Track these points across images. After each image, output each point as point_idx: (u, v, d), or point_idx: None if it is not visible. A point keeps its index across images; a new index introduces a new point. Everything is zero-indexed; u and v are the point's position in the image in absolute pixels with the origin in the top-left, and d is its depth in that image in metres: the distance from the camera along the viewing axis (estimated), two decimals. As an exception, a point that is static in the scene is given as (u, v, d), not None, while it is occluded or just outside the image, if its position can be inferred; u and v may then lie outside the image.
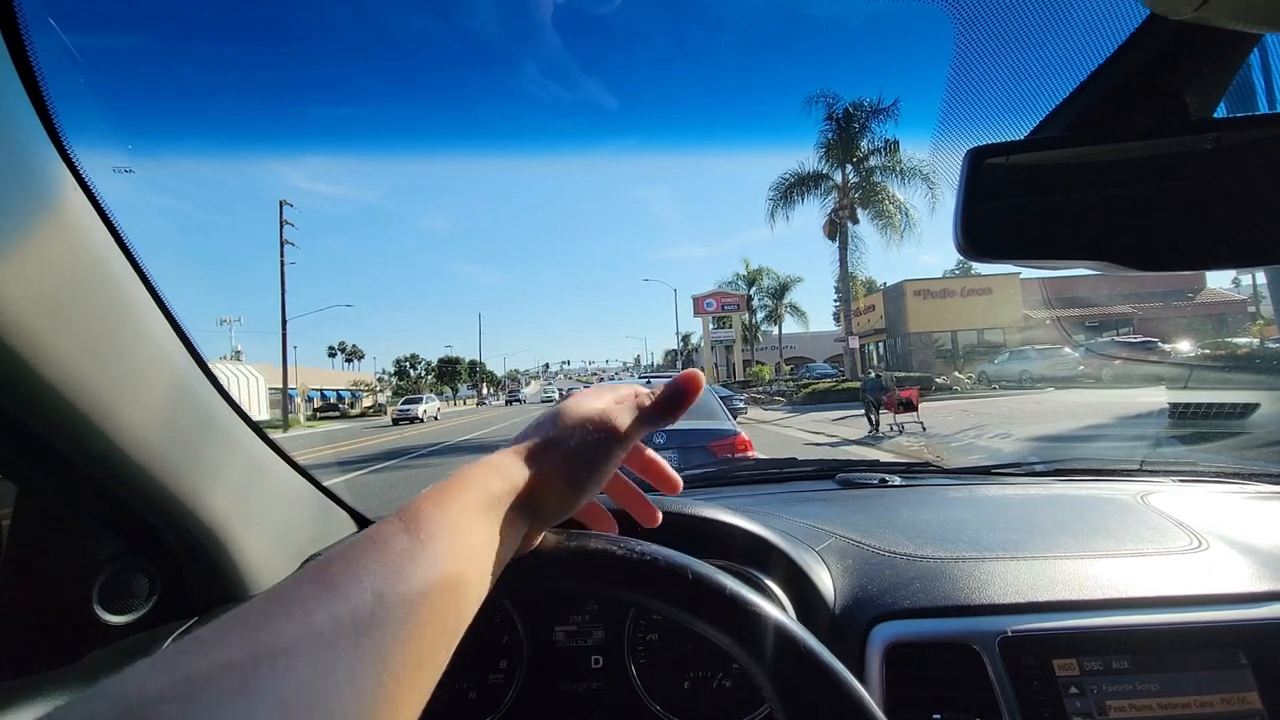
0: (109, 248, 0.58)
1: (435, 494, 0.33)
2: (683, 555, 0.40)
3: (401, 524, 0.30)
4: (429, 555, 0.29)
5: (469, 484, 0.34)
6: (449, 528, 0.31)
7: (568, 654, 0.72)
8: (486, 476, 0.35)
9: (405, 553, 0.29)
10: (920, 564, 0.72)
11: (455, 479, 0.35)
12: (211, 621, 0.24)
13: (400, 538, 0.29)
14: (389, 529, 0.30)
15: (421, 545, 0.29)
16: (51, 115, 0.52)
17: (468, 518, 0.33)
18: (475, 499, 0.33)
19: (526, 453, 0.38)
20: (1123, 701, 0.57)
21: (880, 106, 20.60)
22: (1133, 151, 0.45)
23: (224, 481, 0.73)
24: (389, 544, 0.29)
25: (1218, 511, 0.87)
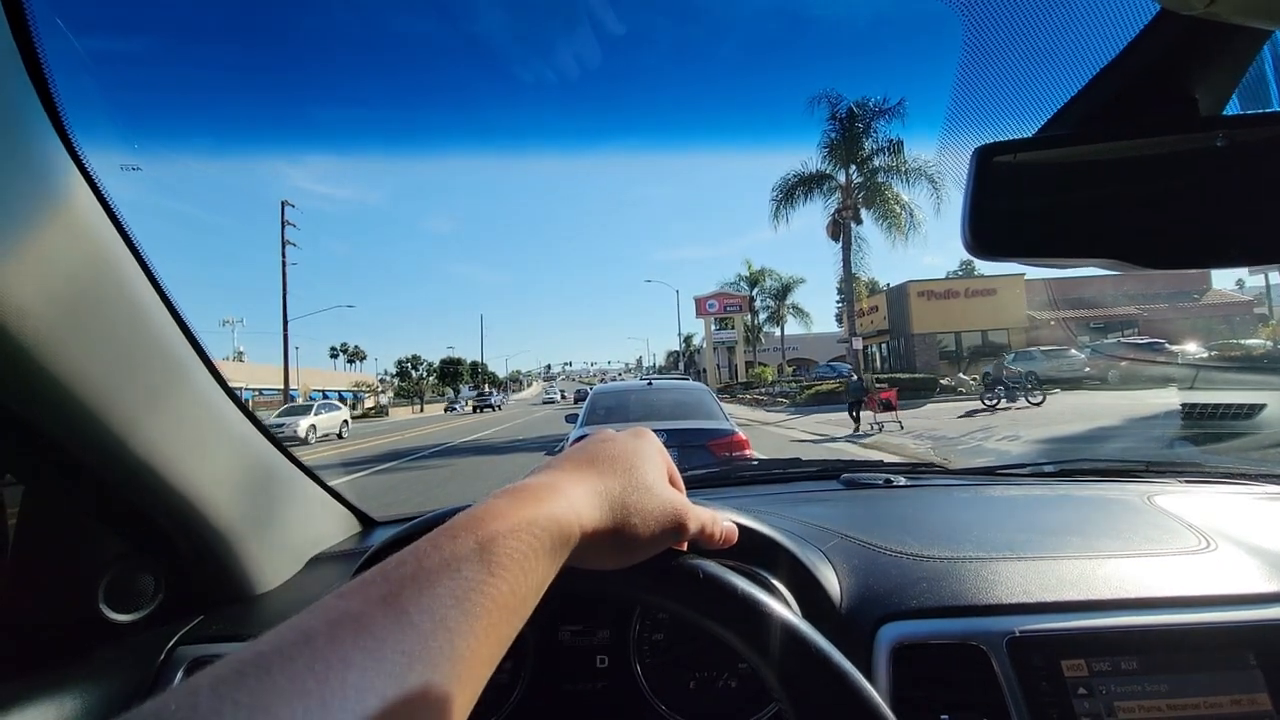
0: (118, 249, 0.58)
1: (511, 516, 0.31)
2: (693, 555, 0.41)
3: (476, 546, 0.29)
4: (498, 589, 0.28)
5: (545, 515, 0.32)
6: (520, 561, 0.30)
7: (573, 654, 0.72)
8: (565, 513, 0.34)
9: (476, 583, 0.28)
10: (927, 564, 0.72)
11: (531, 499, 0.33)
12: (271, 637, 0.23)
13: (473, 565, 0.28)
14: (461, 549, 0.29)
15: (492, 578, 0.28)
16: (61, 115, 0.52)
17: (537, 555, 0.31)
18: (549, 536, 0.32)
19: (604, 498, 0.37)
20: (1131, 702, 0.57)
21: (885, 106, 20.54)
22: (1142, 149, 0.45)
23: (230, 481, 0.73)
24: (461, 571, 0.28)
25: (1225, 512, 0.86)
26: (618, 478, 0.38)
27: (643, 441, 0.43)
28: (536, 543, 0.31)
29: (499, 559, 0.29)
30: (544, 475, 0.37)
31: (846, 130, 21.05)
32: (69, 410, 0.53)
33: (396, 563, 0.28)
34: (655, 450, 0.43)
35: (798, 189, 22.27)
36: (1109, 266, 0.47)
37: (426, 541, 0.29)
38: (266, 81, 68.87)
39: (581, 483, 0.36)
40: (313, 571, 0.88)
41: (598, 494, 0.36)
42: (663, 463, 0.42)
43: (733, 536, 0.44)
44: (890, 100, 20.49)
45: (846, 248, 21.94)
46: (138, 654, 0.67)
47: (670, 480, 0.42)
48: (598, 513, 0.36)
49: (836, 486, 1.14)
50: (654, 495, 0.39)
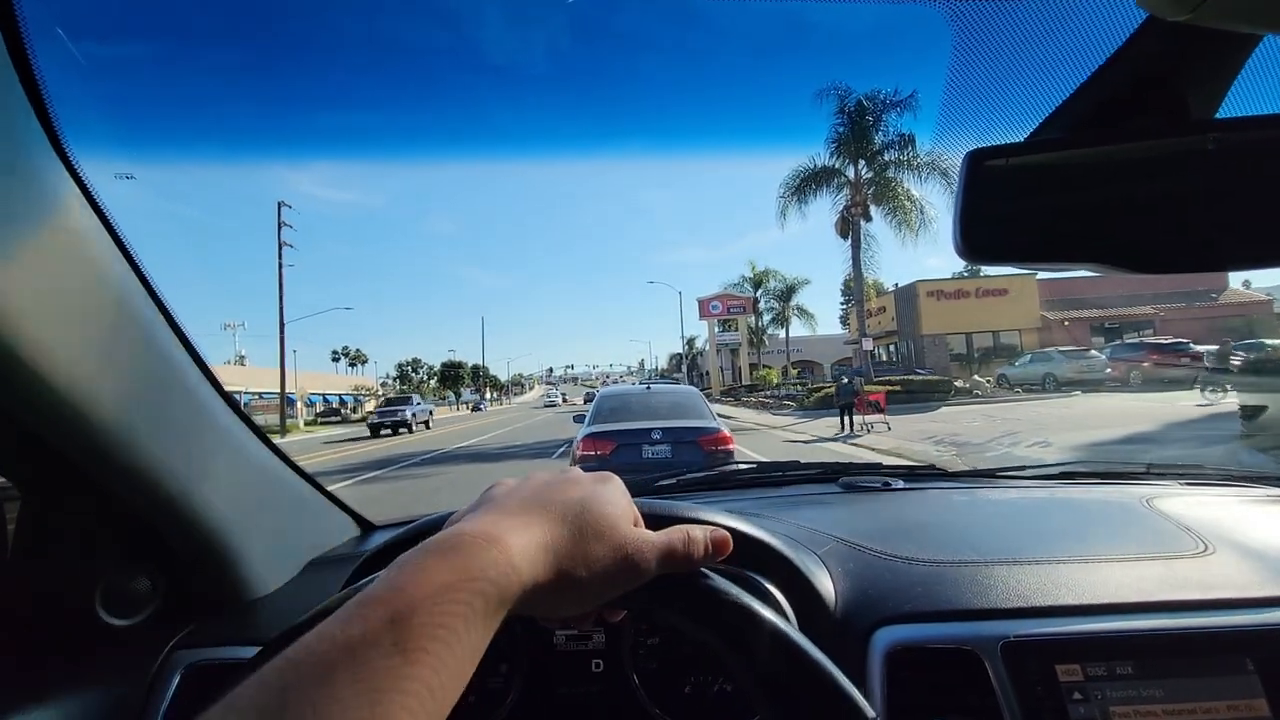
0: (111, 254, 0.58)
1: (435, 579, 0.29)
2: None
3: (389, 624, 0.26)
4: (417, 672, 0.26)
5: (477, 574, 0.30)
6: (444, 633, 0.27)
7: (568, 658, 0.71)
8: (500, 568, 0.31)
9: (386, 670, 0.25)
10: (923, 568, 0.72)
11: (463, 554, 0.30)
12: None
13: (384, 649, 0.25)
14: (370, 630, 0.26)
15: (408, 663, 0.26)
16: (54, 123, 0.52)
17: (466, 621, 0.28)
18: (480, 598, 0.29)
19: (547, 550, 0.34)
20: (1127, 707, 0.57)
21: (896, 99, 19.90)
22: (1133, 153, 0.44)
23: (227, 486, 0.74)
24: (368, 659, 0.25)
25: (1224, 515, 0.86)
26: (566, 525, 0.36)
27: (604, 486, 0.40)
28: (465, 608, 0.28)
29: (416, 637, 0.26)
30: (484, 519, 0.34)
31: (856, 124, 20.50)
32: (64, 416, 0.54)
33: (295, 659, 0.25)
34: (617, 493, 0.40)
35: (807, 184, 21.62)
36: (1101, 270, 0.47)
37: (334, 624, 0.27)
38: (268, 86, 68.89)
39: (524, 530, 0.34)
40: (310, 575, 0.89)
41: (540, 545, 0.34)
42: (625, 505, 0.40)
43: (725, 545, 0.41)
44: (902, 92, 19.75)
45: (856, 245, 21.36)
46: (135, 658, 0.68)
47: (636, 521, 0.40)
48: (539, 566, 0.33)
49: (834, 489, 1.12)
50: (605, 542, 0.36)
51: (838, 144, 21.05)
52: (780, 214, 22.54)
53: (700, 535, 0.40)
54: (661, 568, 0.38)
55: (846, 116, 20.61)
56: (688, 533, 0.40)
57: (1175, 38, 0.42)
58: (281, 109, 74.08)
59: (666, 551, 0.38)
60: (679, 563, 0.39)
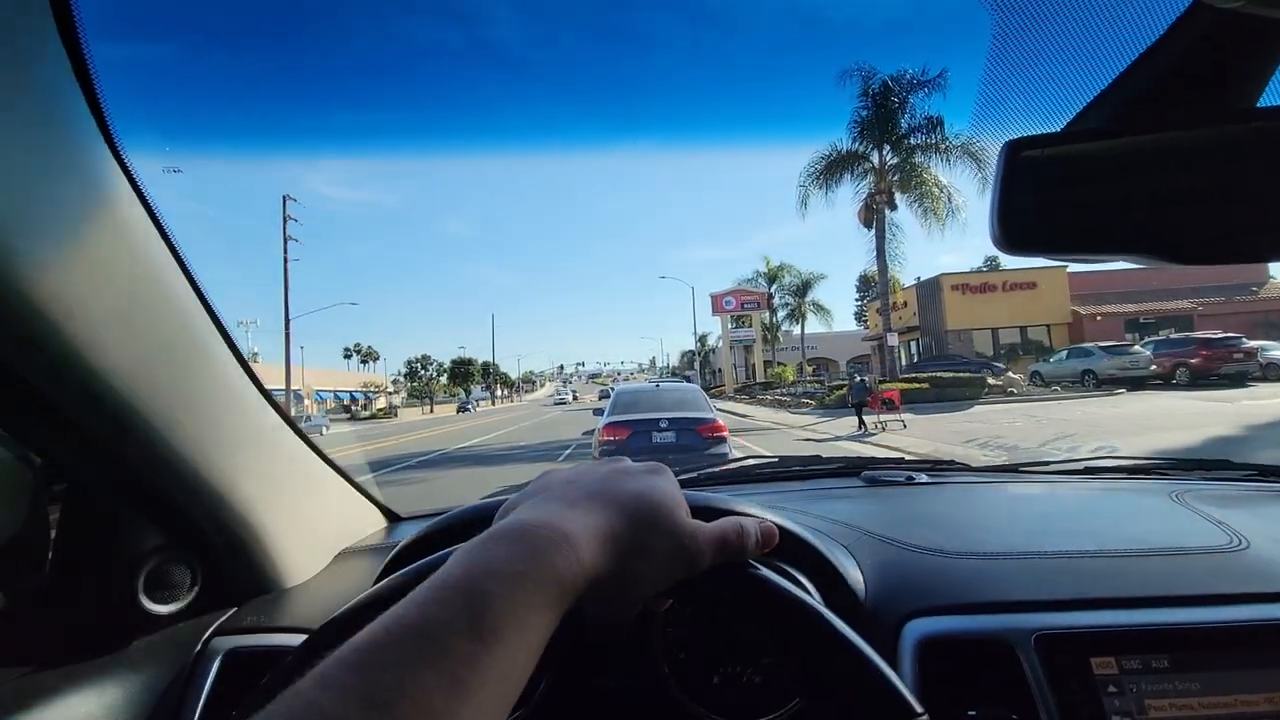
0: (161, 251, 0.60)
1: (508, 572, 0.29)
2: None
3: (466, 618, 0.27)
4: (492, 661, 0.26)
5: (544, 568, 0.30)
6: (517, 624, 0.28)
7: (598, 647, 0.73)
8: (567, 562, 0.32)
9: (467, 659, 0.26)
10: (952, 560, 0.72)
11: (530, 547, 0.31)
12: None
13: (462, 640, 0.26)
14: (449, 621, 0.26)
15: (486, 650, 0.26)
16: (107, 121, 0.54)
17: (536, 613, 0.29)
18: (549, 591, 0.30)
19: (609, 541, 0.35)
20: (1163, 700, 0.56)
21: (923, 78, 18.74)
22: (1172, 142, 0.44)
23: (264, 477, 0.76)
24: (449, 648, 0.25)
25: (1255, 509, 0.86)
26: (625, 517, 0.36)
27: (659, 478, 0.41)
28: (536, 599, 0.29)
29: (493, 625, 0.27)
30: (547, 510, 0.35)
31: (880, 107, 19.34)
32: (112, 407, 0.56)
33: (375, 640, 0.26)
34: (671, 485, 0.41)
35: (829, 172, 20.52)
36: (1139, 262, 0.47)
37: (414, 607, 0.27)
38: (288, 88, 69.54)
39: (587, 522, 0.35)
40: (341, 565, 0.91)
41: (602, 536, 0.34)
42: (679, 497, 0.41)
43: (773, 537, 0.43)
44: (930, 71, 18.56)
45: (880, 235, 20.34)
46: (175, 644, 0.70)
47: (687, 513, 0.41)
48: (602, 557, 0.34)
49: (857, 484, 1.11)
50: (663, 533, 0.37)
51: (861, 128, 19.98)
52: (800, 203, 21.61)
53: (752, 527, 0.41)
54: (715, 558, 0.39)
55: (870, 99, 19.62)
56: (740, 525, 0.41)
57: (1220, 24, 0.41)
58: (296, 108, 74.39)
59: (720, 542, 0.39)
60: (732, 553, 0.40)
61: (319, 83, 63.94)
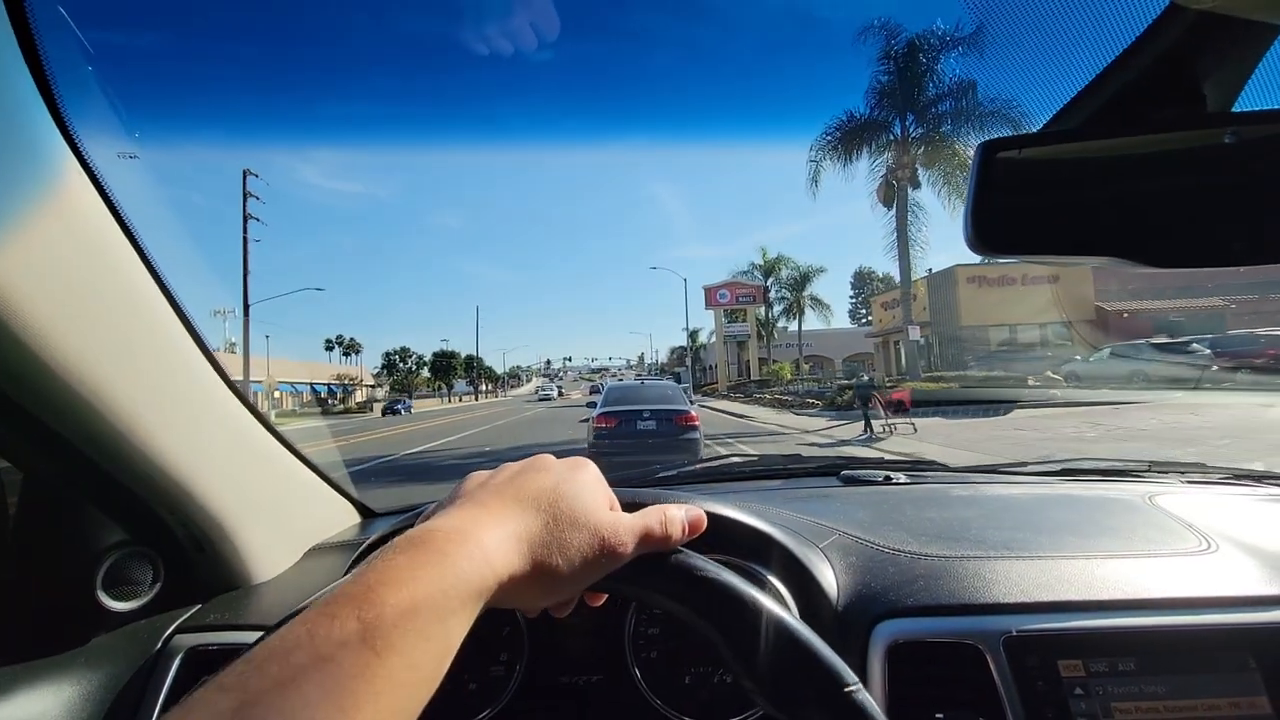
0: (114, 235, 0.58)
1: (408, 582, 0.28)
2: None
3: (359, 628, 0.26)
4: (387, 672, 0.25)
5: (450, 573, 0.29)
6: (417, 633, 0.27)
7: (568, 647, 0.71)
8: (474, 566, 0.31)
9: (358, 670, 0.25)
10: (925, 562, 0.72)
11: (435, 554, 0.30)
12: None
13: (354, 651, 0.25)
14: (340, 633, 0.25)
15: (380, 660, 0.25)
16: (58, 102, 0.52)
17: (440, 619, 0.28)
18: (455, 597, 0.29)
19: (522, 540, 0.34)
20: (1128, 704, 0.57)
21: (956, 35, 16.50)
22: (1150, 145, 0.44)
23: (229, 471, 0.74)
24: (338, 661, 0.25)
25: (1227, 513, 0.86)
26: (540, 514, 0.36)
27: (578, 472, 0.40)
28: (439, 607, 0.28)
29: (388, 638, 0.26)
30: (455, 514, 0.34)
31: (904, 70, 17.02)
32: (66, 398, 0.54)
33: (259, 662, 0.25)
34: (592, 479, 0.40)
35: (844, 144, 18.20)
36: (1113, 264, 0.47)
37: (301, 625, 0.26)
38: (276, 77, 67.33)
39: (498, 524, 0.34)
40: (311, 561, 0.89)
41: (514, 536, 0.34)
42: (600, 489, 0.40)
43: (700, 522, 0.42)
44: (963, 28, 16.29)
45: (901, 215, 18.03)
46: (135, 641, 0.69)
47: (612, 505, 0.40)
48: (514, 557, 0.33)
49: (835, 483, 1.13)
50: (580, 529, 0.36)
51: (880, 96, 17.78)
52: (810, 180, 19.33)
53: (678, 514, 0.40)
54: (639, 549, 0.38)
55: (893, 62, 17.33)
56: (664, 512, 0.40)
57: (1196, 26, 0.41)
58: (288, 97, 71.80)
59: (643, 532, 0.38)
60: (656, 542, 0.39)
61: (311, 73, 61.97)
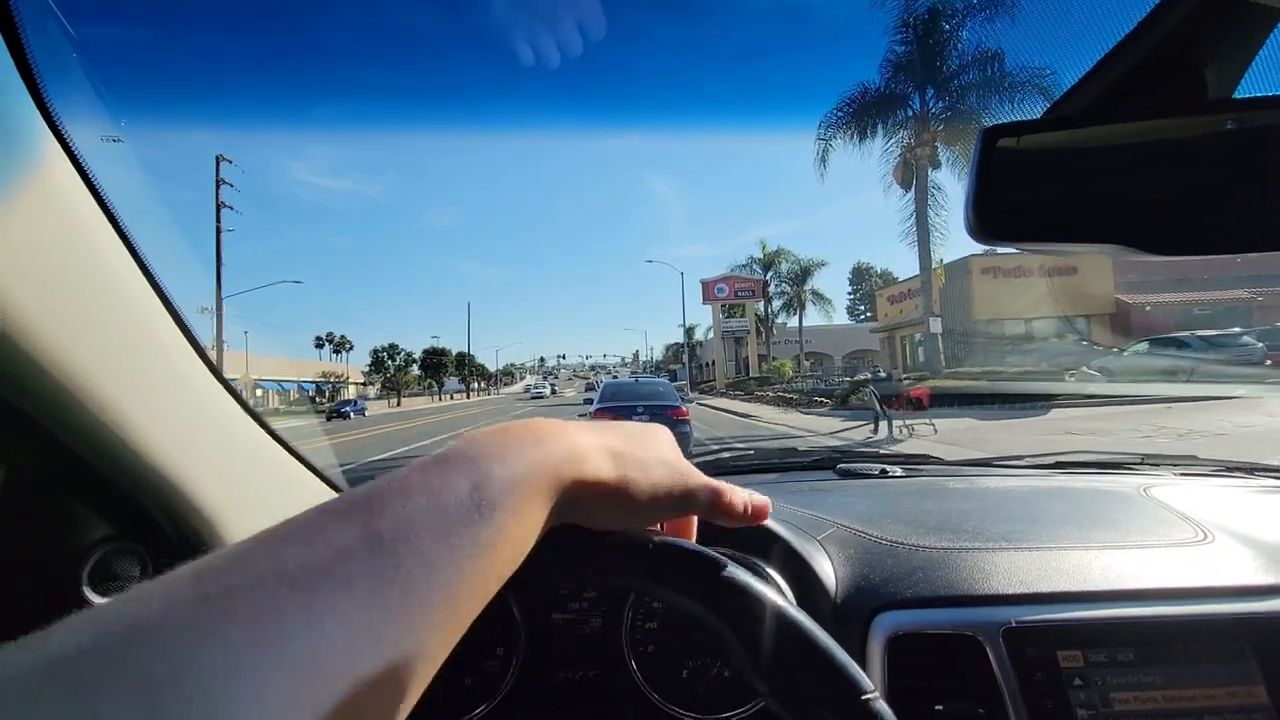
0: (97, 220, 0.56)
1: (509, 454, 0.29)
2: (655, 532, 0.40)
3: (467, 480, 0.27)
4: (487, 532, 0.26)
5: (545, 455, 0.31)
6: (512, 505, 0.28)
7: (565, 641, 0.71)
8: (567, 456, 0.32)
9: (462, 522, 0.26)
10: (923, 554, 0.72)
11: (531, 437, 0.31)
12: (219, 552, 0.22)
13: (462, 504, 0.26)
14: (451, 481, 0.27)
15: (482, 518, 0.26)
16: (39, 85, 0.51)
17: (531, 497, 0.29)
18: (546, 479, 0.30)
19: (609, 451, 0.35)
20: (1127, 694, 0.57)
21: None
22: (1151, 131, 0.44)
23: (219, 464, 0.73)
24: (448, 508, 0.26)
25: (1222, 504, 0.87)
26: (627, 441, 0.37)
27: (658, 428, 0.41)
28: (533, 484, 0.29)
29: (491, 504, 0.27)
30: (552, 419, 0.35)
31: (924, 39, 15.52)
32: (49, 389, 0.52)
33: (382, 494, 0.25)
34: (669, 435, 0.41)
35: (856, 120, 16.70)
36: (1116, 252, 0.47)
37: (415, 473, 0.27)
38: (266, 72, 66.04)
39: (590, 434, 0.35)
40: None
41: (604, 447, 0.35)
42: (675, 445, 0.40)
43: (764, 510, 0.41)
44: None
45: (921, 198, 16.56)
46: None
47: None
48: (603, 464, 0.34)
49: (832, 476, 1.13)
50: (663, 460, 0.37)
51: (896, 69, 16.29)
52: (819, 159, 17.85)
53: (742, 492, 0.41)
54: (708, 508, 0.38)
55: (911, 30, 15.84)
56: (734, 488, 0.40)
57: (1198, 11, 0.41)
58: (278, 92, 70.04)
59: (716, 492, 0.39)
60: (723, 508, 0.39)
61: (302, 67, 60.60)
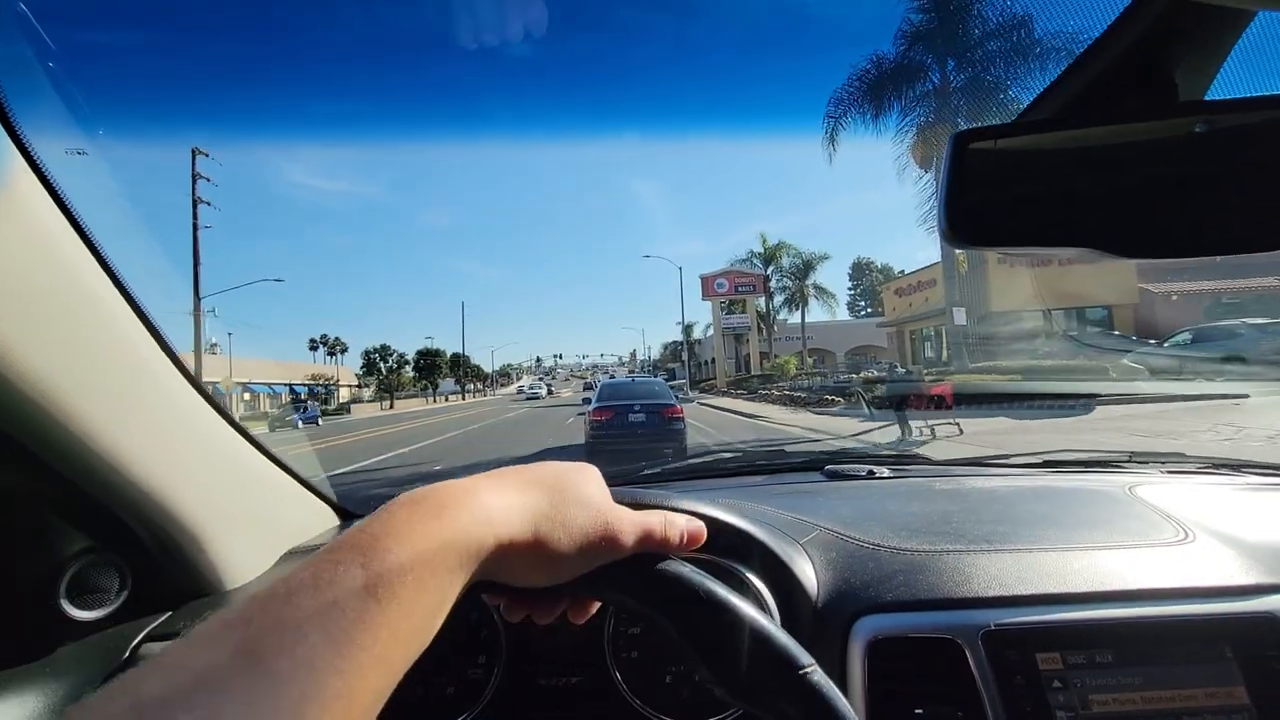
0: (67, 235, 0.56)
1: (410, 533, 0.28)
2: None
3: (362, 576, 0.26)
4: (387, 619, 0.26)
5: (450, 527, 0.30)
6: (416, 585, 0.27)
7: (547, 649, 0.70)
8: (474, 524, 0.31)
9: (358, 616, 0.25)
10: (905, 557, 0.72)
11: (435, 508, 0.30)
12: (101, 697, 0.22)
13: (356, 599, 0.25)
14: (344, 580, 0.26)
15: (379, 607, 0.26)
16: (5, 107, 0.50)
17: (437, 574, 0.28)
18: (453, 552, 0.29)
19: (525, 510, 0.34)
20: (1106, 695, 0.57)
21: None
22: (1122, 135, 0.44)
23: (197, 475, 0.72)
24: (342, 608, 0.25)
25: (1205, 503, 0.86)
26: (544, 492, 0.36)
27: (585, 468, 0.40)
28: (440, 562, 0.29)
29: (388, 583, 0.26)
30: (463, 481, 0.34)
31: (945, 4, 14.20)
32: (23, 404, 0.52)
33: (260, 597, 0.25)
34: (594, 476, 0.40)
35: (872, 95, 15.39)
36: (1086, 255, 0.46)
37: (306, 570, 0.26)
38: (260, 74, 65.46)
39: (501, 492, 0.34)
40: (287, 566, 0.88)
41: (519, 505, 0.34)
42: (603, 487, 0.39)
43: (700, 536, 0.41)
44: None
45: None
46: (102, 651, 0.67)
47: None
48: (516, 524, 0.33)
49: (819, 478, 1.13)
50: (584, 508, 0.36)
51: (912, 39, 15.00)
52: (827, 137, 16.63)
53: (679, 520, 0.40)
54: (638, 545, 0.37)
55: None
56: (666, 517, 0.40)
57: (1166, 15, 0.41)
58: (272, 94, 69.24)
59: (645, 530, 0.38)
60: (655, 543, 0.38)
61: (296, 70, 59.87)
